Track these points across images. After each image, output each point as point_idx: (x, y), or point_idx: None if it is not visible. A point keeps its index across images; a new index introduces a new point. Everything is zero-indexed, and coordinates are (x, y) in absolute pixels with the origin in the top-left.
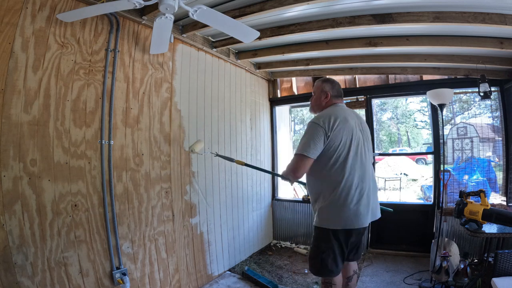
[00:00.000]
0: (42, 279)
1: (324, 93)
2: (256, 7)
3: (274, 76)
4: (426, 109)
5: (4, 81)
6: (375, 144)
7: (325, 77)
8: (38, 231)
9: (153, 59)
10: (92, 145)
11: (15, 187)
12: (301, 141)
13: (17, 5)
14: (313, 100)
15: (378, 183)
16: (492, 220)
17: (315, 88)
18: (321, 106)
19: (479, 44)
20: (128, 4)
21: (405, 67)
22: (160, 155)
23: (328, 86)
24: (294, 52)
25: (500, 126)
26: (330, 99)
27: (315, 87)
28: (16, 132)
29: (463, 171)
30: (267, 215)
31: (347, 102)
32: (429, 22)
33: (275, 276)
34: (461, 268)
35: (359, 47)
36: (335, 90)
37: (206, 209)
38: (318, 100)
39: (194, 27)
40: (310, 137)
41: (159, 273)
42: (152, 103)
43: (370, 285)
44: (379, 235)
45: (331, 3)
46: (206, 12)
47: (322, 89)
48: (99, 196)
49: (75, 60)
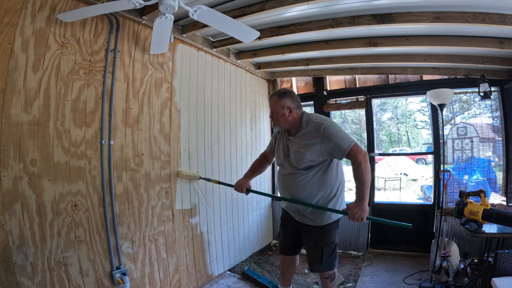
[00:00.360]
0: (42, 279)
1: (286, 109)
2: (256, 7)
3: (274, 76)
4: (426, 109)
5: (4, 81)
6: (375, 144)
7: (280, 90)
8: (38, 231)
9: (153, 59)
10: (92, 145)
11: (15, 187)
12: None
13: (17, 5)
14: (276, 118)
15: (378, 183)
16: (492, 220)
17: (274, 105)
18: (288, 122)
19: (479, 44)
20: (128, 4)
21: (405, 67)
22: (160, 155)
23: (288, 100)
24: (294, 52)
25: (500, 126)
26: (294, 112)
27: (273, 104)
28: (16, 132)
29: (463, 171)
30: (267, 215)
31: (347, 102)
32: (429, 22)
33: (275, 276)
34: (461, 268)
35: (359, 47)
36: (296, 101)
37: (206, 209)
38: (283, 117)
39: (194, 27)
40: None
41: (159, 273)
42: (152, 103)
43: (370, 285)
44: (379, 235)
45: (331, 3)
46: (206, 12)
47: (282, 105)
48: (99, 196)
49: (75, 60)
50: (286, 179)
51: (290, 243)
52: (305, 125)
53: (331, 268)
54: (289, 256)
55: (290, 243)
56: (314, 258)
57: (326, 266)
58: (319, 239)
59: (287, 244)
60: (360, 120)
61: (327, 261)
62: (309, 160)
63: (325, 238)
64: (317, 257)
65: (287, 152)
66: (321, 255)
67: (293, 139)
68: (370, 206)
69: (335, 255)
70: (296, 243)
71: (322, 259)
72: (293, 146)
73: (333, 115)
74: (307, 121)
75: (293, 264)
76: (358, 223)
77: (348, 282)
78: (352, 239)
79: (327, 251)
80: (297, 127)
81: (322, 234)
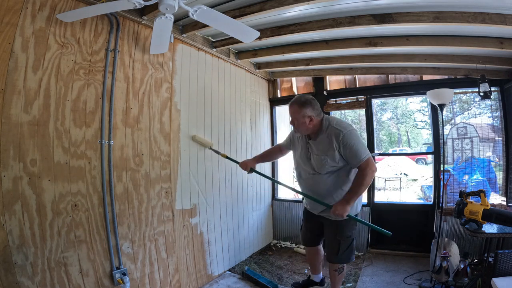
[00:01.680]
0: (42, 279)
1: (307, 118)
2: (256, 7)
3: (274, 76)
4: (426, 109)
5: (4, 81)
6: (375, 144)
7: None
8: (38, 231)
9: (153, 59)
10: (92, 145)
11: (15, 187)
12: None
13: (17, 5)
14: (297, 125)
15: (378, 183)
16: (492, 220)
17: (294, 114)
18: (309, 129)
19: (479, 44)
20: (128, 4)
21: (405, 67)
22: (160, 155)
23: (309, 109)
24: (294, 52)
25: (500, 126)
26: (315, 120)
27: (294, 113)
28: (16, 132)
29: (463, 171)
30: (267, 215)
31: (347, 102)
32: (429, 22)
33: (275, 276)
34: (461, 268)
35: (359, 47)
36: (316, 109)
37: (206, 209)
38: (303, 125)
39: (194, 27)
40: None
41: (159, 273)
42: (152, 103)
43: (370, 285)
44: (379, 235)
45: (331, 3)
46: (206, 12)
47: (303, 115)
48: (99, 196)
49: (75, 60)
50: (308, 181)
51: (312, 236)
52: (325, 129)
53: (347, 261)
54: (313, 247)
55: (312, 236)
56: (332, 249)
57: (342, 258)
58: (337, 232)
59: (309, 237)
60: (360, 120)
61: (343, 254)
62: (330, 166)
63: (343, 232)
64: (335, 249)
65: (308, 155)
66: (338, 247)
67: (313, 143)
68: (370, 206)
69: (351, 249)
70: (318, 235)
71: (338, 251)
72: (313, 150)
73: (333, 115)
74: (327, 126)
75: (317, 253)
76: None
77: (348, 282)
78: None
79: (343, 244)
80: (317, 132)
81: (340, 228)
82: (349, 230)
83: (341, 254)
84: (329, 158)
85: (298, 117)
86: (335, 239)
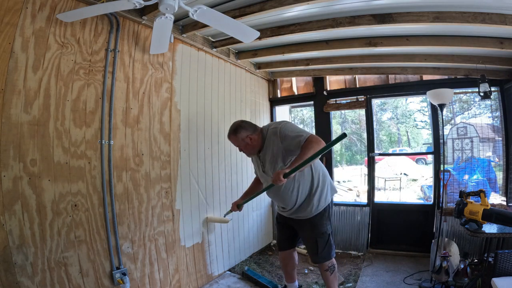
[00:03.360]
0: (42, 279)
1: (248, 139)
2: (256, 7)
3: (274, 76)
4: (426, 109)
5: (4, 81)
6: (375, 144)
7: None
8: (38, 231)
9: (153, 59)
10: (92, 145)
11: (15, 187)
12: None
13: (17, 5)
14: (245, 150)
15: (378, 183)
16: (492, 220)
17: (236, 142)
18: (255, 146)
19: (479, 44)
20: (128, 4)
21: (405, 67)
22: (160, 155)
23: (243, 132)
24: (294, 52)
25: (500, 126)
26: (253, 136)
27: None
28: (16, 132)
29: (463, 171)
30: (267, 215)
31: (347, 102)
32: (429, 22)
33: (275, 276)
34: (461, 268)
35: (359, 47)
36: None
37: (206, 209)
38: (248, 146)
39: (194, 27)
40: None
41: (159, 273)
42: (152, 103)
43: (370, 285)
44: (379, 235)
45: (331, 3)
46: (206, 12)
47: (242, 139)
48: (99, 196)
49: (75, 60)
50: (273, 192)
51: (285, 238)
52: (266, 136)
53: (329, 258)
54: (286, 251)
55: (285, 238)
56: (311, 249)
57: (323, 256)
58: (312, 230)
59: (282, 239)
60: (360, 120)
61: (323, 252)
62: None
63: (317, 229)
64: (314, 249)
65: (262, 167)
66: (316, 246)
67: (262, 154)
68: (370, 206)
69: (330, 245)
70: (291, 237)
71: (318, 250)
72: (265, 160)
73: (333, 115)
74: (266, 132)
75: (291, 258)
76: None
77: (348, 282)
78: (352, 239)
79: (321, 241)
80: (261, 144)
81: (314, 226)
82: (323, 226)
83: (321, 252)
84: (278, 158)
85: (240, 143)
86: (312, 238)
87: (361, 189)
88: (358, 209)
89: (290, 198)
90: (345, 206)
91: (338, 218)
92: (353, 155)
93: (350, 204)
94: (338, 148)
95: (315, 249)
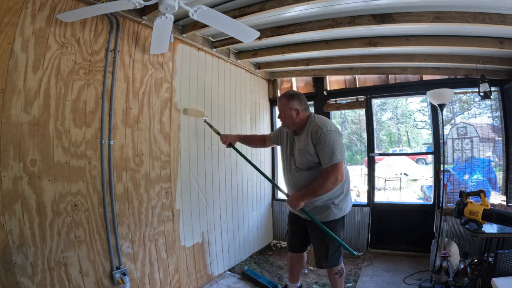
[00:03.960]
0: (42, 279)
1: (294, 111)
2: (256, 7)
3: (274, 76)
4: (426, 109)
5: (4, 81)
6: (375, 144)
7: (288, 92)
8: (38, 231)
9: (153, 59)
10: (92, 145)
11: (15, 187)
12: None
13: (17, 5)
14: (284, 118)
15: (378, 183)
16: (492, 220)
17: (282, 107)
18: (295, 123)
19: (479, 44)
20: (128, 4)
21: (405, 67)
22: (160, 155)
23: (296, 102)
24: (294, 52)
25: (500, 126)
26: (301, 114)
27: (282, 106)
28: (16, 132)
29: (463, 171)
30: (267, 215)
31: (347, 102)
32: (429, 22)
33: (275, 276)
34: (461, 268)
35: (359, 47)
36: (303, 104)
37: (206, 209)
38: (290, 118)
39: (194, 27)
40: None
41: (159, 273)
42: (152, 103)
43: (370, 285)
44: (379, 235)
45: (331, 3)
46: (206, 12)
47: (290, 107)
48: (99, 196)
49: (75, 60)
50: (291, 177)
51: (297, 241)
52: (308, 126)
53: (336, 264)
54: (297, 254)
55: (298, 241)
56: (320, 254)
57: (331, 262)
58: (325, 235)
59: (294, 242)
60: (360, 120)
61: (332, 258)
62: (310, 161)
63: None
64: (323, 253)
65: (292, 151)
66: (326, 251)
67: (297, 139)
68: (370, 206)
69: (340, 252)
70: (304, 240)
71: (327, 256)
72: (296, 146)
73: (333, 115)
74: (310, 123)
75: (300, 261)
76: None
77: (348, 282)
78: (352, 239)
79: (332, 247)
80: (302, 128)
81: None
82: (337, 233)
83: (330, 258)
84: (308, 153)
85: (285, 109)
86: (323, 243)
87: (361, 189)
88: (358, 209)
89: None
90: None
91: None
92: (353, 155)
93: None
94: None
95: (325, 254)
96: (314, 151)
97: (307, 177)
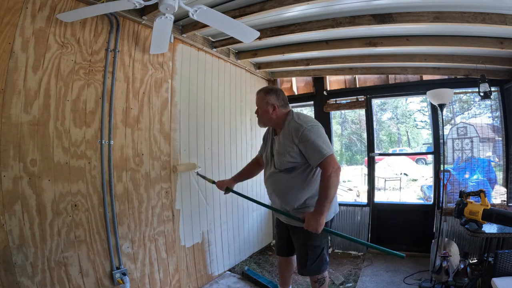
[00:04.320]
0: (42, 279)
1: (270, 106)
2: (256, 7)
3: (274, 76)
4: (426, 109)
5: (4, 81)
6: (375, 144)
7: (267, 87)
8: (38, 231)
9: (153, 59)
10: (92, 145)
11: (15, 187)
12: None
13: (17, 5)
14: (260, 113)
15: (378, 183)
16: (492, 220)
17: (259, 101)
18: (272, 119)
19: (479, 44)
20: (128, 4)
21: (405, 67)
22: (160, 155)
23: (273, 97)
24: (294, 52)
25: (500, 126)
26: (278, 110)
27: (258, 100)
28: (16, 132)
29: (463, 171)
30: (267, 215)
31: (347, 102)
32: (429, 22)
33: (275, 276)
34: (461, 268)
35: (359, 47)
36: (281, 99)
37: (206, 209)
38: (266, 114)
39: (194, 27)
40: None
41: (159, 273)
42: (152, 103)
43: (370, 285)
44: (379, 235)
45: (331, 3)
46: (206, 12)
47: (267, 102)
48: (99, 196)
49: (75, 60)
50: (271, 179)
51: (284, 244)
52: (287, 124)
53: (318, 273)
54: (284, 257)
55: (284, 244)
56: (300, 260)
57: (311, 270)
58: (304, 241)
59: (281, 245)
60: (360, 120)
61: (312, 265)
62: (288, 162)
63: (310, 241)
64: (303, 260)
65: (272, 152)
66: (306, 258)
67: (277, 139)
68: (370, 206)
69: (322, 260)
70: (289, 243)
71: (306, 263)
72: (276, 146)
73: (333, 115)
74: (289, 120)
75: (289, 265)
76: None
77: (348, 282)
78: None
79: (311, 254)
80: (281, 126)
81: (308, 237)
82: (317, 240)
83: (309, 266)
84: (288, 154)
85: (262, 104)
86: (303, 249)
87: (361, 189)
88: (358, 209)
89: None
90: (345, 206)
91: (338, 218)
92: (353, 155)
93: (350, 204)
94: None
95: (304, 261)
96: (296, 151)
97: (287, 180)
